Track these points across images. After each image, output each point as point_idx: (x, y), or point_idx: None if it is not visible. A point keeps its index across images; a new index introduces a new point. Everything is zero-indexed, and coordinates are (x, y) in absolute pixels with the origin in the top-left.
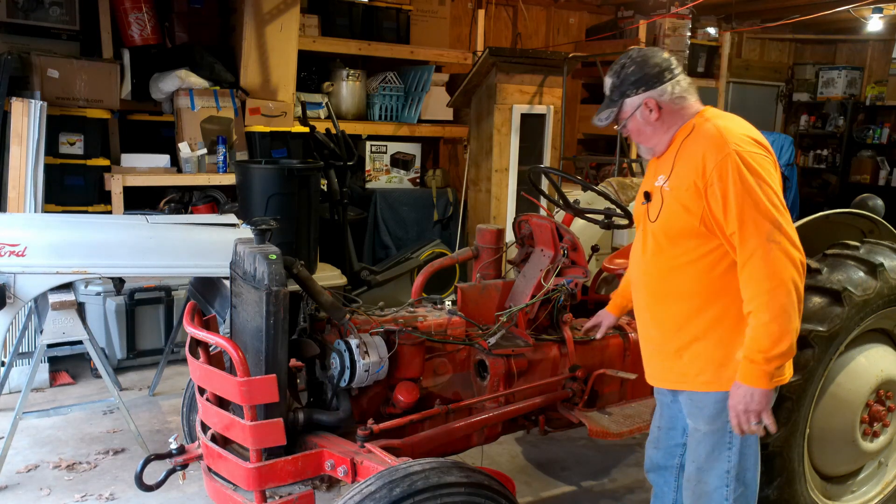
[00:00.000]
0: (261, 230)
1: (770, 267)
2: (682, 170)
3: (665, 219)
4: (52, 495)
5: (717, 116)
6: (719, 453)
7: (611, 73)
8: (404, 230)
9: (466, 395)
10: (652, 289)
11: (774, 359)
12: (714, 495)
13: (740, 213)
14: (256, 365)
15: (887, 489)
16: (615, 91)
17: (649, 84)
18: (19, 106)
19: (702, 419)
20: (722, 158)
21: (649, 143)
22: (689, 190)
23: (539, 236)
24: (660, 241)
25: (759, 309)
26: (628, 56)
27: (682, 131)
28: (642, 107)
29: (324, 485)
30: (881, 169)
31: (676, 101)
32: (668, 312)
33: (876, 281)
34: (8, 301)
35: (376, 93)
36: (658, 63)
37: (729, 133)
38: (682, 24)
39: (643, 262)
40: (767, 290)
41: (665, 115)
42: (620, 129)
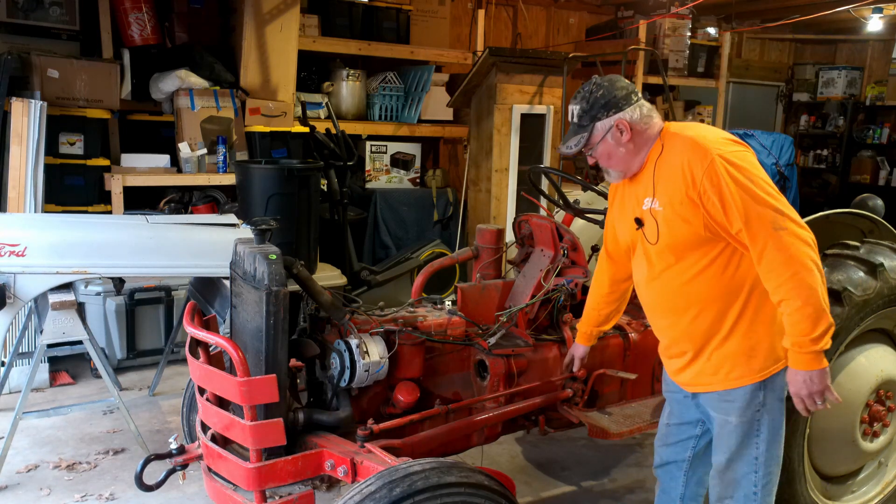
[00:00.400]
0: (261, 230)
1: (785, 253)
2: (667, 187)
3: (668, 236)
4: (52, 495)
5: (684, 128)
6: (749, 441)
7: (577, 101)
8: (404, 230)
9: (466, 395)
10: (670, 306)
11: (819, 338)
12: (743, 482)
13: (742, 211)
14: (256, 365)
15: (887, 489)
16: (584, 116)
17: (619, 106)
18: (19, 106)
19: (734, 412)
20: (708, 165)
21: (620, 167)
22: (683, 203)
23: (539, 236)
24: (667, 259)
25: (790, 296)
26: (592, 83)
27: (653, 151)
28: (614, 128)
29: (324, 485)
30: (881, 169)
31: (645, 120)
32: (693, 324)
33: (876, 281)
34: (8, 301)
35: (376, 93)
36: (624, 86)
37: (705, 140)
38: (682, 24)
39: (653, 285)
40: (790, 276)
41: (635, 136)
42: (588, 154)
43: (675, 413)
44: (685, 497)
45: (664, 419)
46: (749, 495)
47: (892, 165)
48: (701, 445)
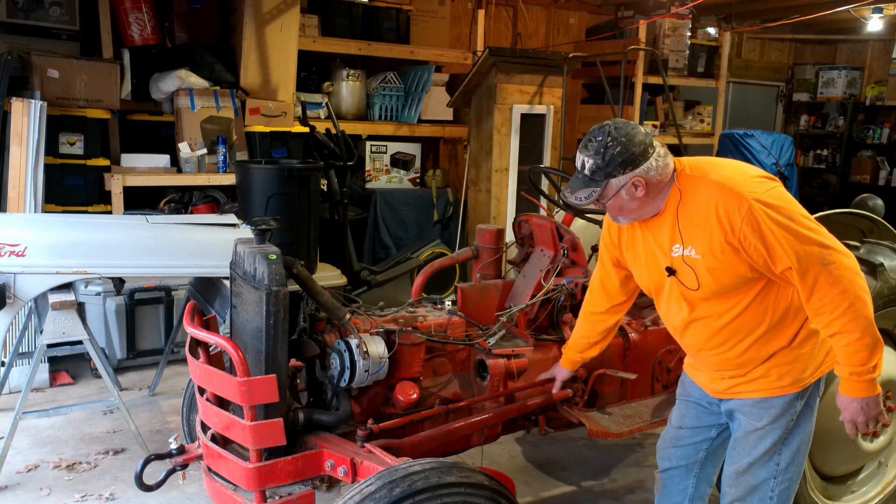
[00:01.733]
0: (261, 230)
1: (838, 287)
2: (700, 234)
3: (712, 283)
4: (52, 495)
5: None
6: (775, 448)
7: (591, 154)
8: (404, 230)
9: (466, 395)
10: (715, 342)
11: (875, 367)
12: (761, 487)
13: (789, 253)
14: (256, 365)
15: (887, 489)
16: (598, 172)
17: (636, 163)
18: (19, 106)
19: (767, 418)
20: (746, 212)
21: (631, 216)
22: (724, 251)
23: (539, 236)
24: (713, 303)
25: (847, 329)
26: (607, 135)
27: (671, 200)
28: (629, 185)
29: (324, 485)
30: (881, 169)
31: (660, 171)
32: (741, 354)
33: (876, 281)
34: (8, 301)
35: (376, 93)
36: (642, 140)
37: (735, 183)
38: (682, 24)
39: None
40: (846, 309)
41: (650, 189)
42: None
43: (689, 416)
44: (694, 497)
45: (675, 422)
46: (765, 500)
47: (892, 165)
48: (714, 446)
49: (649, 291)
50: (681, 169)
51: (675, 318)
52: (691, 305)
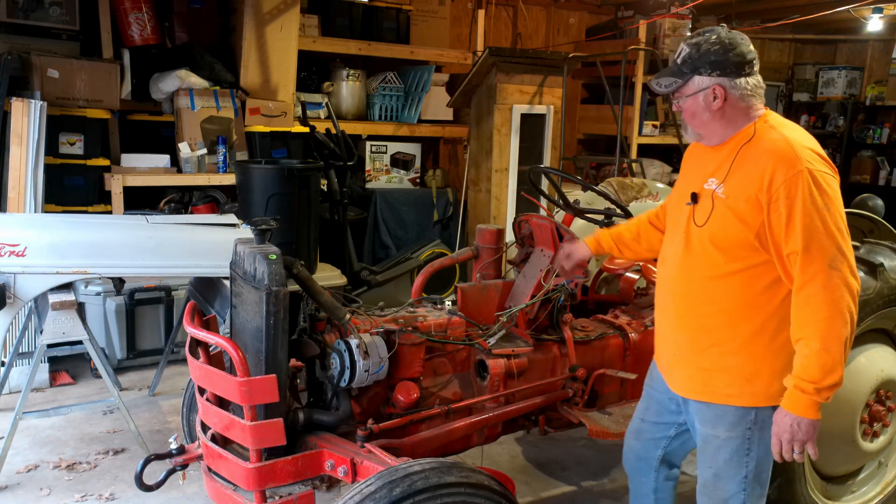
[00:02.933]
0: (261, 230)
1: (829, 294)
2: (740, 179)
3: (716, 226)
4: (52, 495)
5: (782, 125)
6: (739, 459)
7: (689, 43)
8: (404, 230)
9: (466, 395)
10: (687, 294)
11: (824, 390)
12: (732, 501)
13: (806, 235)
14: (256, 365)
15: (887, 489)
16: (688, 63)
17: (726, 71)
18: (19, 106)
19: (722, 427)
20: (794, 175)
21: (699, 129)
22: (748, 202)
23: (539, 236)
24: (705, 248)
25: (813, 336)
26: (716, 33)
27: (741, 134)
28: (710, 90)
29: (324, 485)
30: (881, 169)
31: (745, 98)
32: (701, 321)
33: (876, 281)
34: (8, 301)
35: (376, 93)
36: (743, 53)
37: (800, 148)
38: (682, 24)
39: (680, 266)
40: (824, 318)
41: (728, 108)
42: (675, 103)
43: (652, 410)
44: (658, 490)
45: (639, 414)
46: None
47: (892, 165)
48: (672, 446)
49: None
50: (765, 115)
51: (670, 253)
52: (688, 242)
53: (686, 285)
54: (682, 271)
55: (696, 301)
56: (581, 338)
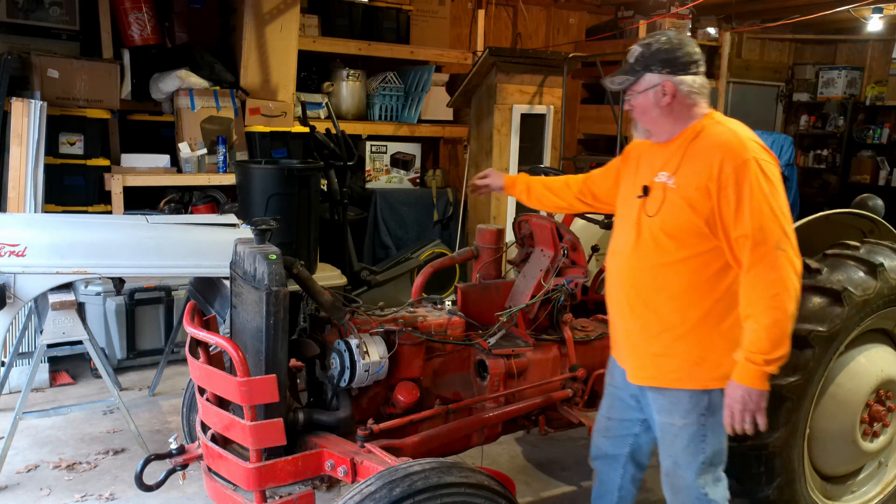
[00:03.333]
0: (261, 230)
1: (777, 273)
2: (691, 170)
3: (667, 215)
4: (52, 495)
5: (728, 121)
6: (695, 447)
7: (641, 43)
8: (404, 230)
9: (466, 395)
10: (638, 282)
11: (773, 361)
12: (692, 488)
13: (755, 219)
14: (256, 365)
15: (887, 489)
16: (640, 61)
17: (675, 68)
18: (19, 106)
19: (677, 414)
20: (741, 164)
21: (649, 126)
22: (699, 190)
23: (539, 236)
24: (656, 237)
25: (763, 312)
26: (666, 35)
27: (689, 131)
28: (659, 87)
29: (324, 485)
30: (881, 169)
31: (691, 96)
32: (652, 309)
33: (876, 281)
34: (8, 301)
35: (376, 93)
36: (690, 53)
37: (746, 140)
38: (682, 24)
39: (631, 256)
40: (773, 295)
41: (675, 105)
42: (627, 98)
43: (616, 408)
44: (622, 488)
45: (604, 412)
46: (701, 499)
47: (892, 165)
48: (640, 443)
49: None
50: (710, 114)
51: (621, 245)
52: (639, 233)
53: (637, 274)
54: (633, 261)
55: (647, 289)
56: (581, 338)
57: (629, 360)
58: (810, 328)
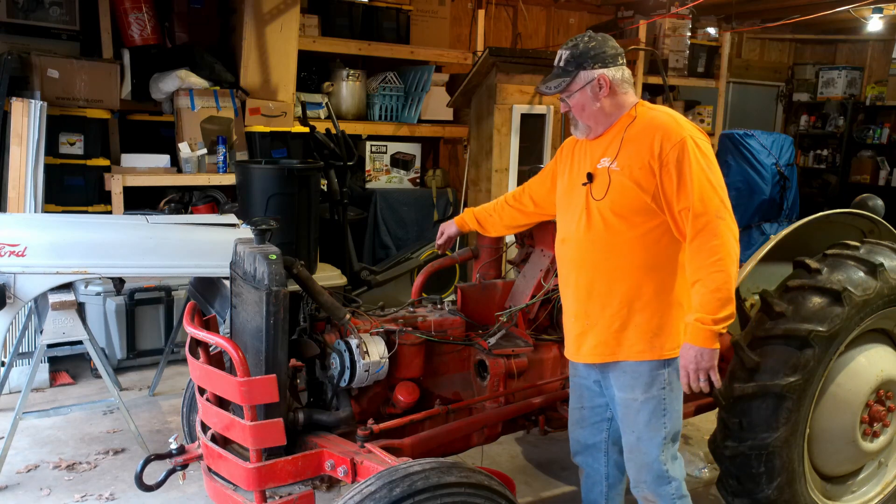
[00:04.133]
0: (261, 230)
1: (718, 239)
2: (631, 152)
3: (615, 196)
4: (52, 495)
5: (658, 108)
6: (657, 421)
7: (568, 46)
8: (404, 230)
9: (466, 395)
10: (593, 263)
11: (721, 321)
12: (654, 464)
13: (696, 191)
14: (256, 365)
15: (887, 489)
16: (571, 62)
17: (606, 62)
18: (19, 106)
19: (639, 388)
20: (678, 142)
21: (589, 121)
22: (642, 169)
23: (539, 236)
24: (606, 218)
25: (709, 277)
26: (587, 35)
27: (624, 118)
28: (595, 81)
29: (324, 485)
30: (881, 169)
31: (623, 86)
32: (608, 286)
33: (876, 281)
34: (8, 301)
35: (376, 93)
36: (615, 46)
37: (681, 120)
38: (682, 24)
39: (583, 240)
40: (716, 260)
41: (612, 96)
42: (563, 99)
43: (585, 397)
44: (609, 476)
45: (575, 403)
46: (662, 475)
47: (892, 165)
48: (615, 427)
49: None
50: (641, 102)
51: (570, 231)
52: (589, 217)
53: (591, 255)
54: (585, 244)
55: (602, 269)
56: None
57: (587, 343)
58: (810, 328)
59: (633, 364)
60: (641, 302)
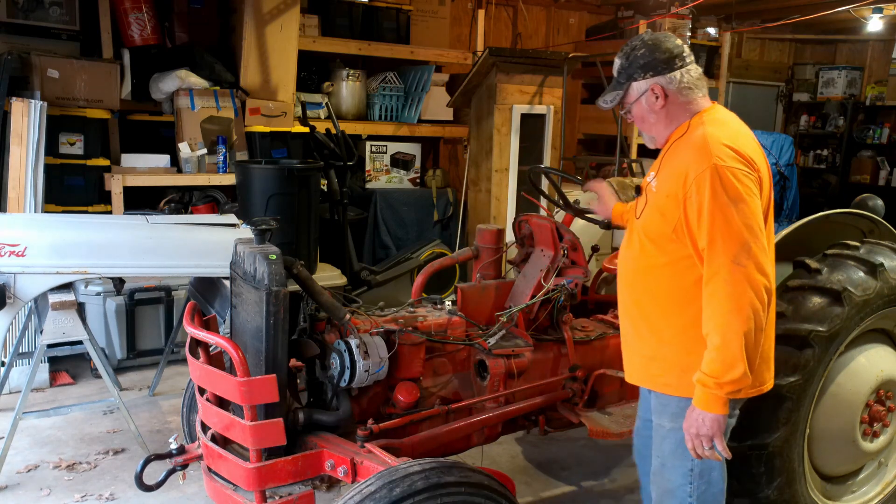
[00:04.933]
0: (261, 230)
1: (731, 289)
2: (667, 173)
3: (645, 218)
4: (52, 495)
5: (712, 121)
6: (682, 452)
7: (620, 55)
8: (404, 230)
9: (466, 395)
10: (631, 283)
11: (726, 384)
12: (677, 492)
13: (711, 230)
14: (256, 365)
15: (887, 489)
16: (622, 73)
17: (658, 69)
18: (19, 106)
19: (665, 416)
20: (703, 171)
21: (651, 132)
22: (669, 196)
23: (539, 236)
24: (641, 239)
25: (714, 331)
26: (640, 38)
27: (679, 129)
28: (648, 92)
29: (324, 485)
30: (881, 169)
31: (683, 91)
32: (641, 311)
33: (876, 281)
34: (8, 301)
35: (376, 93)
36: (669, 49)
37: (714, 143)
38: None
39: (624, 256)
40: (725, 312)
41: (670, 105)
42: (624, 113)
43: (643, 408)
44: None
45: (639, 411)
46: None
47: (892, 165)
48: None
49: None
50: (704, 111)
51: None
52: (630, 235)
53: (630, 275)
54: (626, 262)
55: (637, 291)
56: (581, 338)
57: (628, 360)
58: (810, 328)
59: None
60: (669, 334)
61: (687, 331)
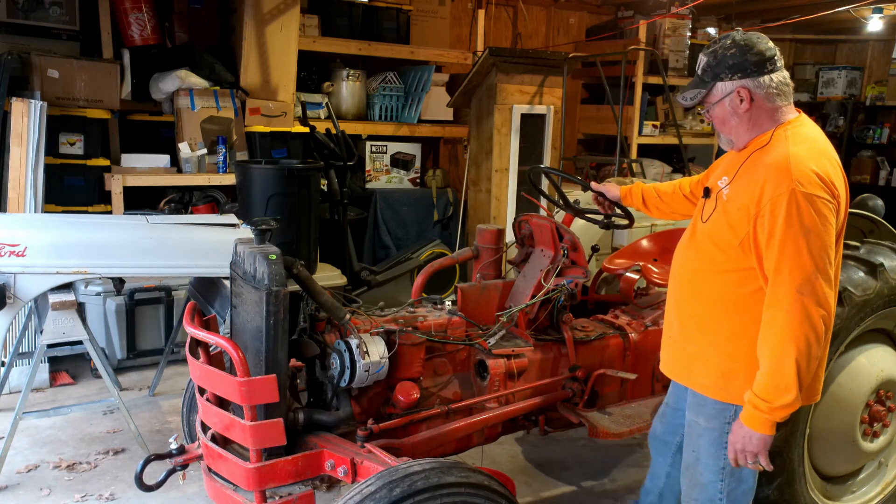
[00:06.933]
0: (261, 230)
1: (790, 318)
2: (742, 184)
3: (712, 225)
4: (52, 495)
5: (796, 136)
6: (717, 450)
7: (707, 52)
8: (404, 230)
9: (466, 395)
10: (686, 282)
11: (777, 409)
12: (709, 487)
13: (779, 257)
14: (256, 365)
15: (887, 489)
16: (708, 71)
17: (747, 71)
18: (19, 106)
19: (702, 416)
20: (781, 194)
21: (731, 135)
22: (740, 210)
23: (539, 236)
24: (705, 243)
25: (769, 357)
26: (731, 37)
27: (760, 138)
28: (734, 94)
29: (324, 485)
30: (881, 169)
31: (771, 97)
32: (691, 310)
33: (876, 281)
34: (8, 301)
35: (376, 93)
36: (762, 51)
37: (797, 166)
38: (682, 24)
39: (684, 254)
40: (781, 340)
41: (755, 110)
42: (704, 112)
43: (673, 396)
44: (671, 476)
45: (666, 398)
46: (714, 499)
47: (892, 165)
48: None
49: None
50: (788, 122)
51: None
52: (693, 231)
53: (685, 274)
54: (684, 260)
55: (691, 290)
56: (581, 338)
57: (667, 353)
58: None
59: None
60: (718, 338)
61: (735, 338)
